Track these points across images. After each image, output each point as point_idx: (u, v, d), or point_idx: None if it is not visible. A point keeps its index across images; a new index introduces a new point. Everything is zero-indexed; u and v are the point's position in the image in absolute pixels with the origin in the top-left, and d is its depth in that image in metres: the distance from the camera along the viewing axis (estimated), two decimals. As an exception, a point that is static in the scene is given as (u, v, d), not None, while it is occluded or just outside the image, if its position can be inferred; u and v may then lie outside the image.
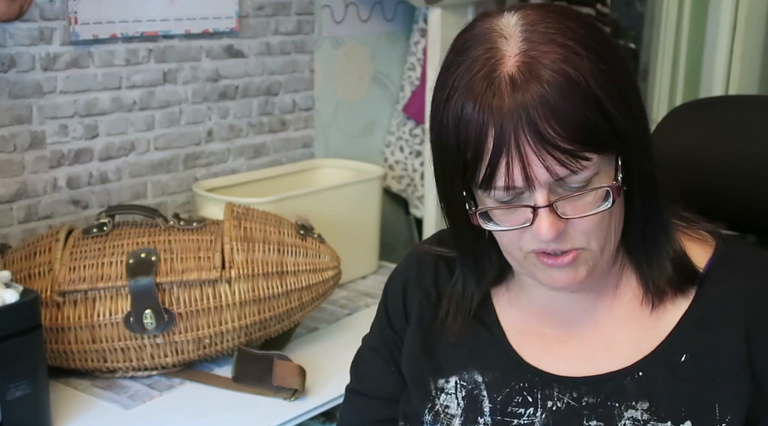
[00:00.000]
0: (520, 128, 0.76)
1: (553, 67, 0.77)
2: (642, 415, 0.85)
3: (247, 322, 1.41)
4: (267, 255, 1.42)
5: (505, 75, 0.77)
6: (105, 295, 1.36)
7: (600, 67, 0.78)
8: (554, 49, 0.78)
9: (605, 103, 0.78)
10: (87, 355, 1.37)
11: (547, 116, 0.76)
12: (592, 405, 0.87)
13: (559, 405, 0.89)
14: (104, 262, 1.37)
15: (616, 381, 0.87)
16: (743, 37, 2.46)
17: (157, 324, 1.36)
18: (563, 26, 0.79)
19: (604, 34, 0.83)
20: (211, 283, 1.38)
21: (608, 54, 0.80)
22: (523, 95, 0.76)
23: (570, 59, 0.77)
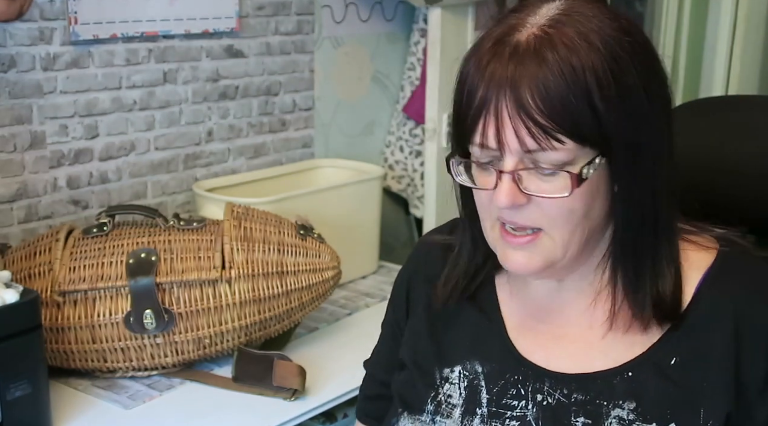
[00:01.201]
0: (503, 93, 0.80)
1: (561, 52, 0.79)
2: (628, 415, 0.85)
3: (247, 322, 1.41)
4: (267, 255, 1.42)
5: (513, 42, 0.81)
6: (105, 295, 1.36)
7: (611, 68, 0.79)
8: (573, 37, 0.80)
9: (596, 99, 0.79)
10: (87, 355, 1.37)
11: (532, 89, 0.79)
12: (580, 402, 0.88)
13: (549, 400, 0.90)
14: (104, 262, 1.37)
15: (606, 380, 0.87)
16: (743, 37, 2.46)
17: (157, 324, 1.36)
18: (597, 22, 0.81)
19: (638, 46, 0.83)
20: (211, 283, 1.38)
21: (630, 63, 0.81)
22: (518, 66, 0.80)
23: (581, 51, 0.79)
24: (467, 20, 2.17)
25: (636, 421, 0.85)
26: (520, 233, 0.85)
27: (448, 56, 2.13)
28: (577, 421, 0.87)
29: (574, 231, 0.84)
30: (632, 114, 0.81)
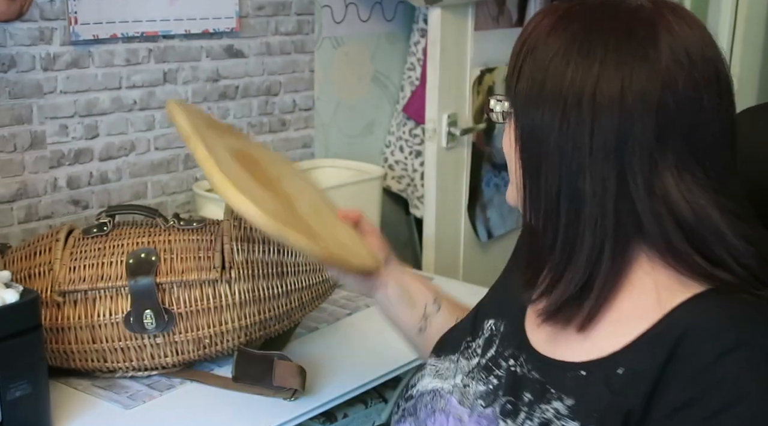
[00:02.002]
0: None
1: (547, 34, 0.87)
2: (562, 410, 0.87)
3: (247, 322, 1.41)
4: (267, 255, 1.42)
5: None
6: (105, 295, 1.36)
7: (577, 62, 0.84)
8: (576, 31, 0.86)
9: (519, 60, 0.89)
10: (87, 355, 1.37)
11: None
12: (535, 380, 0.92)
13: (517, 370, 0.94)
14: (104, 262, 1.37)
15: (562, 371, 0.90)
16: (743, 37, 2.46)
17: (157, 324, 1.36)
18: (610, 25, 0.86)
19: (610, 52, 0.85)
20: (211, 283, 1.38)
21: (606, 63, 0.84)
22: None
23: (564, 41, 0.86)
24: (467, 20, 2.17)
25: (563, 419, 0.86)
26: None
27: (448, 56, 2.13)
28: (525, 395, 0.91)
29: (511, 172, 0.94)
30: (538, 102, 0.87)
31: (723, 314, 0.83)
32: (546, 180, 0.87)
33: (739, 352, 0.80)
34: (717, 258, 0.85)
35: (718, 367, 0.80)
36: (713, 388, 0.79)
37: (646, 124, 0.83)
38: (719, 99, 0.85)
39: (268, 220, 1.04)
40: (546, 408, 0.88)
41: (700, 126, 0.85)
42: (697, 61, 0.84)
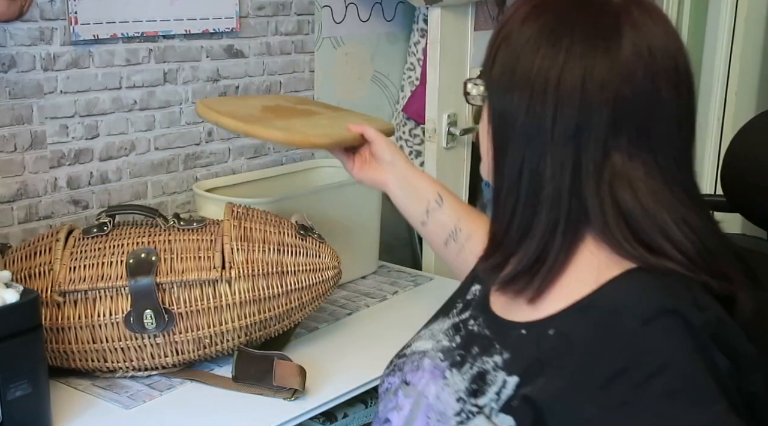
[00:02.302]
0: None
1: (521, 22, 0.93)
2: (499, 363, 0.94)
3: (247, 322, 1.41)
4: (267, 255, 1.42)
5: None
6: (105, 295, 1.36)
7: (542, 52, 0.90)
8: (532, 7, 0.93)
9: (493, 48, 0.94)
10: (87, 355, 1.37)
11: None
12: (484, 336, 0.99)
13: (475, 328, 1.02)
14: (104, 262, 1.37)
15: (508, 329, 0.97)
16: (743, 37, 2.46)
17: (157, 324, 1.36)
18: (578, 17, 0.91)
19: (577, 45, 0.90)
20: (211, 283, 1.38)
21: (541, 50, 0.90)
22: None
23: (533, 33, 0.91)
24: (467, 20, 2.17)
25: (499, 370, 0.93)
26: None
27: (448, 56, 2.13)
28: (473, 349, 0.99)
29: (483, 150, 1.00)
30: (509, 87, 0.92)
31: (648, 286, 0.88)
32: (511, 160, 0.93)
33: (662, 319, 0.85)
34: (656, 246, 0.90)
35: (642, 335, 0.84)
36: (640, 356, 0.84)
37: (602, 113, 0.88)
38: (677, 92, 0.90)
39: (237, 124, 1.36)
40: (487, 360, 0.95)
41: (656, 118, 0.90)
42: (657, 55, 0.89)
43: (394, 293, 1.81)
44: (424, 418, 0.97)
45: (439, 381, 0.99)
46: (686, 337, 0.84)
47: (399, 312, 1.72)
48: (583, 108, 0.88)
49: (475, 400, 0.93)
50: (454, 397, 0.96)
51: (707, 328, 0.85)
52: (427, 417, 0.97)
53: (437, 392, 0.98)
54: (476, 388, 0.94)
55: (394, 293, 1.81)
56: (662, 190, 0.90)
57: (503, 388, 0.92)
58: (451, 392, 0.97)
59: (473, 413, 0.93)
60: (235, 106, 1.49)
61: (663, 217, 0.89)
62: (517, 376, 0.91)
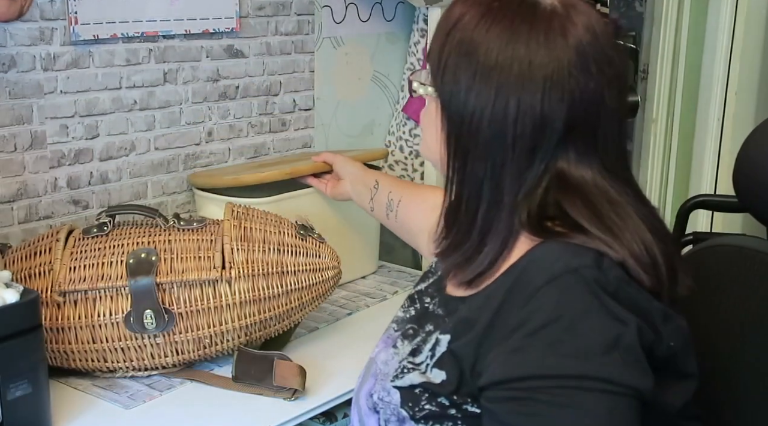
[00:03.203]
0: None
1: (460, 11, 0.98)
2: (443, 337, 1.00)
3: (247, 322, 1.41)
4: (267, 255, 1.42)
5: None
6: (105, 295, 1.36)
7: (481, 38, 0.95)
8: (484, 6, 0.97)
9: (444, 53, 0.97)
10: (87, 355, 1.37)
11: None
12: (438, 316, 1.06)
13: (429, 307, 1.10)
14: (104, 262, 1.37)
15: (455, 304, 1.03)
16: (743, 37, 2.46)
17: (157, 324, 1.36)
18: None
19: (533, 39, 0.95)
20: (211, 283, 1.38)
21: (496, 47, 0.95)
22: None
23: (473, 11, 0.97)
24: (467, 20, 2.17)
25: (438, 333, 1.01)
26: None
27: (448, 56, 2.12)
28: (427, 326, 1.06)
29: (425, 136, 1.10)
30: (461, 76, 0.96)
31: (558, 250, 0.94)
32: (472, 169, 0.98)
33: (564, 277, 0.91)
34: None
35: (544, 290, 0.91)
36: (538, 310, 0.90)
37: (558, 120, 0.94)
38: (619, 97, 0.98)
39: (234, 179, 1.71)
40: (436, 331, 1.02)
41: (602, 122, 0.96)
42: (601, 62, 0.95)
43: (394, 293, 1.81)
44: (372, 380, 1.07)
45: (390, 349, 1.07)
46: (583, 292, 0.89)
47: (399, 312, 1.72)
48: (542, 117, 0.94)
49: (413, 358, 1.02)
50: (399, 363, 1.04)
51: (607, 287, 0.90)
52: (375, 378, 1.06)
53: (386, 359, 1.06)
54: (416, 348, 1.03)
55: (394, 293, 1.81)
56: (613, 192, 0.96)
57: (437, 345, 0.99)
58: (398, 358, 1.05)
59: (409, 369, 1.01)
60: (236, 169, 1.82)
61: (613, 218, 0.95)
62: (449, 335, 0.99)
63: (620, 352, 0.87)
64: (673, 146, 2.56)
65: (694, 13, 2.51)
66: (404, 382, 1.00)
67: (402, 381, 1.00)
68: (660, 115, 2.55)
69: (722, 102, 2.49)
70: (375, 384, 1.06)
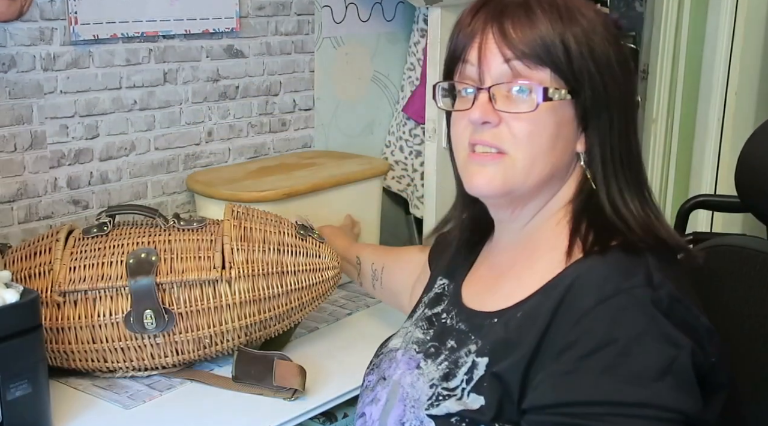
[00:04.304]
0: (489, 25, 0.97)
1: (544, 5, 0.95)
2: (472, 349, 0.98)
3: (247, 322, 1.41)
4: (267, 255, 1.42)
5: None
6: (105, 295, 1.36)
7: (585, 30, 0.95)
8: (558, 3, 0.96)
9: (570, 40, 0.94)
10: (87, 355, 1.37)
11: (514, 21, 0.95)
12: (461, 330, 1.04)
13: (447, 322, 1.07)
14: (104, 262, 1.37)
15: (481, 319, 1.01)
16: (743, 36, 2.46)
17: (157, 324, 1.36)
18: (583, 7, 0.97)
19: (614, 38, 0.99)
20: (211, 283, 1.38)
21: (605, 39, 0.97)
22: (504, 8, 0.97)
23: (563, 11, 0.95)
24: (467, 20, 2.17)
25: (472, 354, 0.98)
26: (484, 150, 0.97)
27: (448, 56, 2.12)
28: (449, 342, 1.03)
29: (536, 158, 0.96)
30: (600, 70, 0.95)
31: (606, 268, 0.92)
32: (609, 144, 0.99)
33: (615, 299, 0.88)
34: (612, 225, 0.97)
35: (596, 312, 0.88)
36: (590, 331, 0.87)
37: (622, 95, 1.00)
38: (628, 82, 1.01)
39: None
40: (462, 350, 0.99)
41: (620, 103, 1.00)
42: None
43: (394, 293, 1.81)
44: (401, 406, 1.01)
45: (414, 371, 1.03)
46: (637, 315, 0.87)
47: (399, 312, 1.71)
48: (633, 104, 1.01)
49: (446, 383, 0.97)
50: (427, 385, 0.99)
51: (660, 306, 0.88)
52: (404, 404, 1.00)
53: (412, 381, 1.02)
54: (448, 372, 0.98)
55: (394, 293, 1.81)
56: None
57: (474, 369, 0.96)
58: (425, 381, 1.00)
59: (444, 396, 0.96)
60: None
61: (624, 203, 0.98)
62: (487, 357, 0.95)
63: (673, 376, 0.85)
64: (673, 146, 2.56)
65: (694, 13, 2.51)
66: (440, 410, 0.96)
67: (437, 409, 0.96)
68: (660, 115, 2.55)
69: (722, 102, 2.49)
70: (405, 411, 1.00)
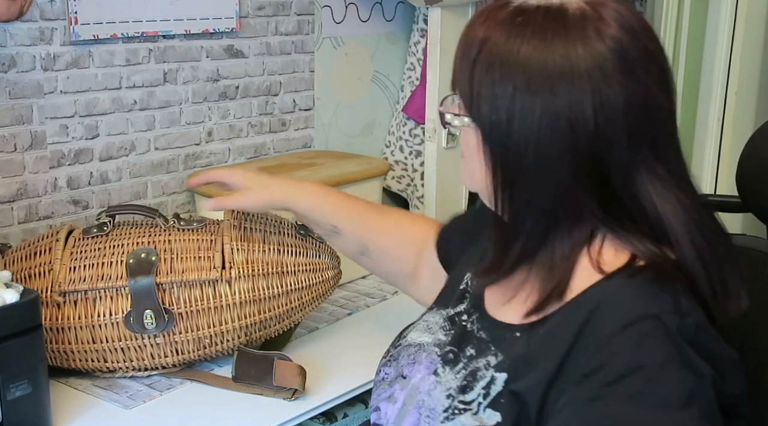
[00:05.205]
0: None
1: (489, 23, 0.92)
2: (492, 362, 0.96)
3: (247, 322, 1.41)
4: (267, 255, 1.42)
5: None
6: (105, 295, 1.36)
7: (509, 51, 0.89)
8: (506, 17, 0.91)
9: (477, 68, 0.91)
10: (87, 355, 1.37)
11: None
12: (480, 338, 1.01)
13: (469, 326, 1.04)
14: (104, 262, 1.37)
15: (503, 331, 0.98)
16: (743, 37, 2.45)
17: (157, 324, 1.36)
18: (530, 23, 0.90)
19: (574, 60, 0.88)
20: (211, 283, 1.38)
21: (535, 63, 0.88)
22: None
23: (501, 28, 0.91)
24: (467, 20, 2.16)
25: (491, 369, 0.95)
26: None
27: (448, 56, 2.12)
28: (468, 349, 1.00)
29: (468, 167, 1.00)
30: (499, 104, 0.90)
31: (633, 290, 0.89)
32: (522, 197, 0.93)
33: (642, 323, 0.86)
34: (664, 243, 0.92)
35: (622, 337, 0.86)
36: (616, 356, 0.85)
37: (618, 131, 0.88)
38: (669, 95, 0.93)
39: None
40: (480, 360, 0.97)
41: (658, 124, 0.91)
42: (645, 60, 0.90)
43: (394, 293, 1.81)
44: (416, 413, 0.99)
45: (432, 377, 1.01)
46: (663, 342, 0.85)
47: (399, 312, 1.72)
48: (597, 132, 0.88)
49: (463, 396, 0.95)
50: (444, 394, 0.97)
51: (686, 334, 0.86)
52: (419, 412, 0.99)
53: (429, 389, 1.00)
54: (465, 384, 0.96)
55: (394, 293, 1.81)
56: (673, 195, 0.91)
57: (492, 384, 0.94)
58: (442, 390, 0.98)
59: (460, 410, 0.95)
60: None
61: (675, 219, 0.91)
62: (506, 373, 0.93)
63: (697, 405, 0.83)
64: (673, 146, 2.56)
65: (694, 13, 2.51)
66: (455, 425, 0.94)
67: (452, 423, 0.95)
68: (660, 115, 2.55)
69: (722, 102, 2.49)
70: (420, 421, 0.99)
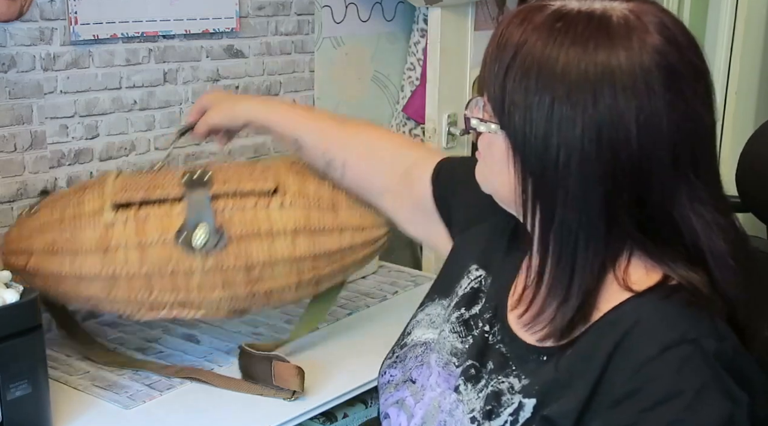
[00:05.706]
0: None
1: (523, 30, 0.86)
2: (516, 386, 0.92)
3: (297, 254, 1.36)
4: (320, 189, 1.40)
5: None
6: (158, 212, 1.33)
7: (546, 55, 0.83)
8: (543, 22, 0.85)
9: (510, 76, 0.85)
10: (134, 282, 1.32)
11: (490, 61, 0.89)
12: (502, 353, 0.96)
13: (489, 338, 0.99)
14: (156, 184, 1.36)
15: (526, 352, 0.94)
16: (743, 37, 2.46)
17: (208, 240, 1.31)
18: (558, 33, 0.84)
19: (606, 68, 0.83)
20: (264, 207, 1.35)
21: (570, 69, 0.83)
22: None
23: (538, 34, 0.85)
24: (467, 20, 2.17)
25: (516, 394, 0.91)
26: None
27: (448, 56, 2.13)
28: (488, 363, 0.96)
29: (491, 173, 0.94)
30: (534, 115, 0.84)
31: (670, 312, 0.86)
32: (560, 216, 0.87)
33: (680, 348, 0.83)
34: (696, 261, 0.88)
35: (659, 361, 0.83)
36: (653, 381, 0.82)
37: (661, 148, 0.83)
38: (711, 110, 0.87)
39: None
40: (503, 379, 0.93)
41: (699, 140, 0.87)
42: (691, 76, 0.85)
43: (394, 293, 1.81)
44: None
45: (453, 395, 0.97)
46: (701, 367, 0.82)
47: (399, 312, 1.72)
48: (639, 149, 0.83)
49: (489, 422, 0.92)
50: (468, 417, 0.94)
51: (723, 359, 0.83)
52: None
53: (451, 408, 0.96)
54: (490, 409, 0.92)
55: (394, 293, 1.81)
56: (713, 218, 0.88)
57: (520, 410, 0.90)
58: (465, 410, 0.95)
59: None
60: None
61: (711, 235, 0.88)
62: (535, 399, 0.89)
63: None
64: (673, 146, 2.56)
65: (694, 13, 2.51)
66: None
67: None
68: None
69: (722, 102, 2.49)
70: None
